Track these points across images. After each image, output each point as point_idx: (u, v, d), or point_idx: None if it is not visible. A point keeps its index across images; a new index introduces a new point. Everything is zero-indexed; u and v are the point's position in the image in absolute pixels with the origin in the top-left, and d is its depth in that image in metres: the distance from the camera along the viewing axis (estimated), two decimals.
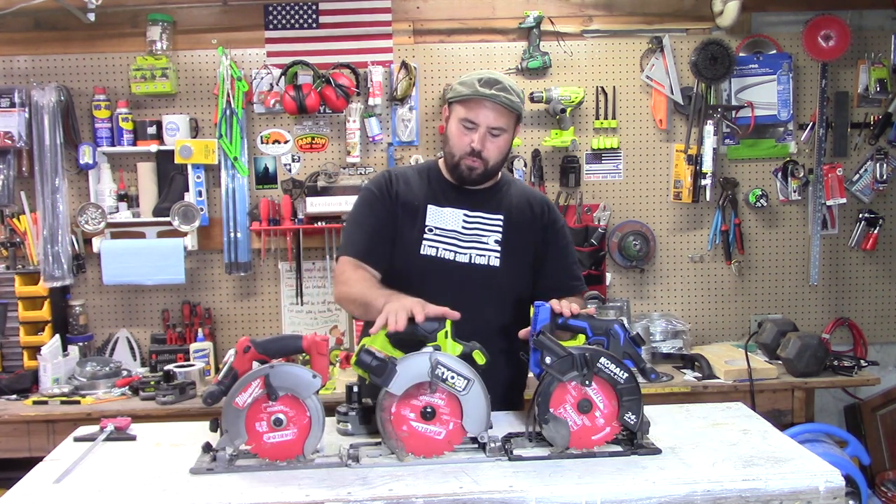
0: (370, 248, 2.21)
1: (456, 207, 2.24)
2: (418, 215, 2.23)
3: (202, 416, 2.23)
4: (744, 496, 1.56)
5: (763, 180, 3.76)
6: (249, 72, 3.62)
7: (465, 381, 1.68)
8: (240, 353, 1.76)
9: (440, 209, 2.24)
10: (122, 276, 3.52)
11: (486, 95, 2.12)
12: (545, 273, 2.29)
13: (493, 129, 2.16)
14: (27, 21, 3.55)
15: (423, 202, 2.24)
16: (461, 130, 2.18)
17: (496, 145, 2.18)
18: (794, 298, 3.81)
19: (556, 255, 2.31)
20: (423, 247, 2.20)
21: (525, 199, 2.32)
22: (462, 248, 2.21)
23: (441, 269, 2.19)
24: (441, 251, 2.20)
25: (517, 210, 2.28)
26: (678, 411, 2.05)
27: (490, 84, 2.14)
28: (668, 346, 3.49)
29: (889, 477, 3.39)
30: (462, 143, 2.18)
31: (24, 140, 3.45)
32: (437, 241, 2.21)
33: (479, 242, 2.22)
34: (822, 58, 3.66)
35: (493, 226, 2.24)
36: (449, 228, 2.23)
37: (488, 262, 2.21)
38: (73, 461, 1.76)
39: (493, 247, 2.22)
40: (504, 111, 2.15)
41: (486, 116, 2.14)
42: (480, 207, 2.26)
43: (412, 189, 2.26)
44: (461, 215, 2.24)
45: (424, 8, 3.67)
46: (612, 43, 3.70)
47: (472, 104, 2.15)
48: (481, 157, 2.17)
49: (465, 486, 1.56)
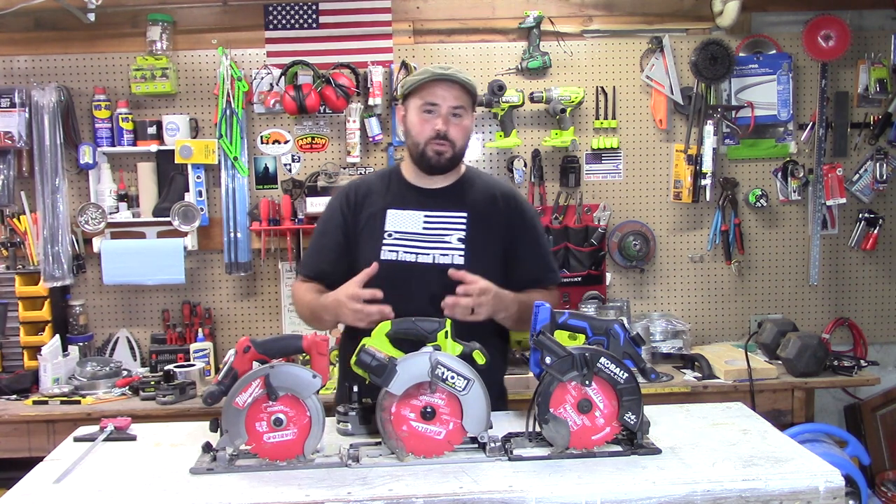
0: (325, 270, 2.28)
1: (416, 209, 2.24)
2: (378, 221, 2.23)
3: (202, 416, 2.24)
4: (744, 496, 1.56)
5: (763, 180, 3.76)
6: (249, 72, 3.62)
7: (465, 381, 1.68)
8: (240, 353, 1.76)
9: (400, 212, 2.24)
10: (122, 276, 3.52)
11: (443, 76, 2.16)
12: (517, 266, 2.27)
13: (455, 109, 2.18)
14: (27, 21, 3.55)
15: (382, 207, 2.25)
16: (422, 117, 2.19)
17: (460, 127, 2.20)
18: (794, 298, 3.81)
19: (526, 248, 2.29)
20: (383, 252, 2.20)
21: (491, 193, 2.30)
22: (424, 249, 2.20)
23: (403, 271, 2.17)
24: (402, 254, 2.20)
25: (482, 205, 2.27)
26: (678, 411, 2.05)
27: (444, 68, 2.19)
28: (668, 346, 3.48)
29: (889, 477, 3.39)
30: (425, 129, 2.18)
31: (24, 140, 3.45)
32: (396, 244, 2.20)
33: (441, 242, 2.21)
34: (822, 58, 3.66)
35: (455, 224, 2.23)
36: (409, 231, 2.22)
37: (452, 260, 2.19)
38: (73, 461, 1.76)
39: (456, 245, 2.21)
40: (462, 90, 2.18)
41: (444, 96, 2.17)
42: (442, 207, 2.25)
43: (373, 197, 2.28)
44: (421, 216, 2.23)
45: (424, 8, 3.67)
46: (612, 43, 3.70)
47: (429, 87, 2.17)
48: (448, 139, 2.18)
49: (465, 486, 1.56)
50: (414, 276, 2.17)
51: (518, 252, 2.28)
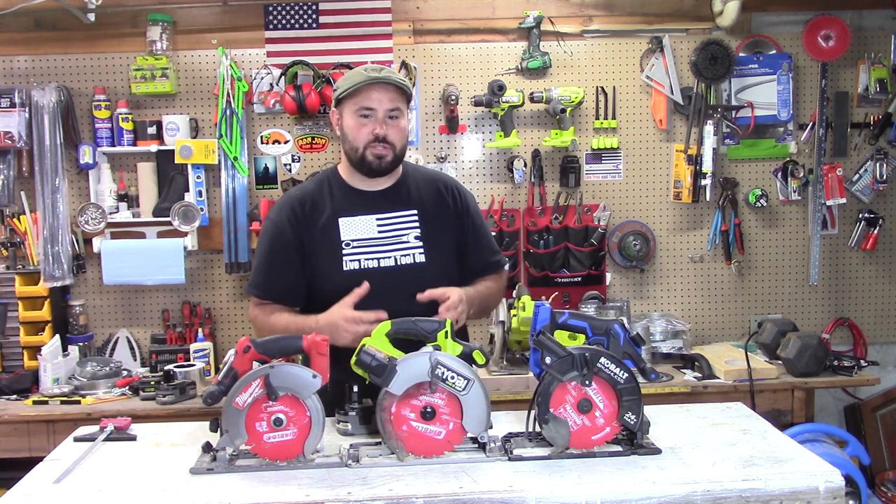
0: (280, 288, 2.23)
1: (366, 213, 2.22)
2: (331, 232, 2.20)
3: (202, 416, 2.23)
4: (744, 496, 1.56)
5: (763, 180, 3.76)
6: (249, 72, 3.62)
7: (465, 381, 1.68)
8: (240, 353, 1.76)
9: (351, 219, 2.22)
10: (122, 276, 3.52)
11: (377, 79, 2.14)
12: (468, 257, 2.32)
13: (391, 112, 2.16)
14: (27, 21, 3.55)
15: (332, 216, 2.22)
16: (358, 122, 2.17)
17: (397, 128, 2.19)
18: (794, 298, 3.81)
19: (473, 236, 2.33)
20: (345, 262, 2.18)
21: (434, 186, 2.31)
22: (384, 253, 2.20)
23: (368, 278, 2.15)
24: (364, 262, 2.19)
25: (429, 200, 2.28)
26: (678, 411, 2.05)
27: (377, 70, 2.17)
28: (668, 346, 3.48)
29: (889, 477, 3.39)
30: (362, 134, 2.17)
31: (24, 140, 3.45)
32: (356, 253, 2.19)
33: (399, 242, 2.21)
34: (822, 58, 3.66)
35: (408, 222, 2.24)
36: (365, 237, 2.21)
37: (414, 259, 2.20)
38: (73, 461, 1.76)
39: (414, 243, 2.21)
40: (397, 91, 2.16)
41: (380, 99, 2.15)
42: (391, 207, 2.24)
43: (319, 207, 2.24)
44: (373, 220, 2.22)
45: (424, 8, 3.67)
46: (612, 43, 3.70)
47: (364, 91, 2.15)
48: (387, 142, 2.16)
49: (465, 486, 1.56)
50: (381, 282, 2.15)
51: (468, 241, 2.31)
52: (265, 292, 2.25)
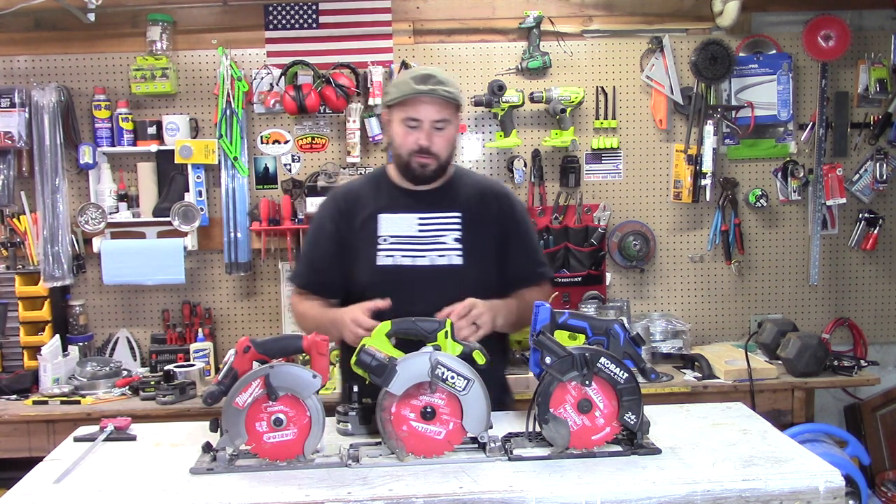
0: (319, 279, 2.28)
1: (409, 212, 2.23)
2: (371, 227, 2.22)
3: (202, 416, 2.23)
4: (744, 496, 1.56)
5: (763, 180, 3.76)
6: (249, 72, 3.61)
7: (465, 381, 1.68)
8: (240, 353, 1.76)
9: (392, 216, 2.22)
10: (122, 276, 3.52)
11: (422, 92, 2.12)
12: (509, 263, 2.26)
13: (437, 123, 2.16)
14: (27, 21, 3.55)
15: (373, 213, 2.23)
16: (405, 130, 2.17)
17: (443, 138, 2.18)
18: (794, 298, 3.81)
19: (518, 244, 2.28)
20: (379, 257, 2.19)
21: (480, 191, 2.30)
22: (421, 252, 2.19)
23: (401, 276, 2.17)
24: (398, 258, 2.19)
25: (474, 204, 2.26)
26: (678, 411, 2.05)
27: (425, 80, 2.14)
28: (668, 346, 3.48)
29: (889, 477, 3.39)
30: (408, 143, 2.17)
31: (24, 140, 3.45)
32: (392, 249, 2.20)
33: (438, 243, 2.20)
34: (822, 58, 3.66)
35: (450, 224, 2.22)
36: (403, 234, 2.21)
37: (450, 261, 2.19)
38: (73, 461, 1.76)
39: (453, 245, 2.20)
40: (444, 103, 2.15)
41: (427, 112, 2.14)
42: (435, 207, 2.24)
43: (362, 202, 2.26)
44: (415, 219, 2.22)
45: (424, 8, 3.67)
46: (612, 43, 3.70)
47: (411, 103, 2.15)
48: (431, 153, 2.17)
49: (465, 486, 1.56)
50: (413, 280, 2.16)
51: (509, 249, 2.27)
52: (304, 282, 2.31)
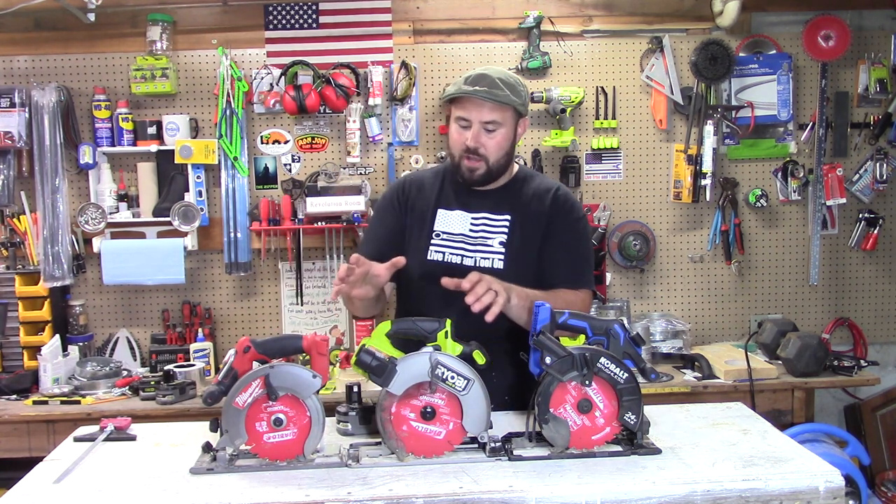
0: (376, 254, 2.18)
1: (465, 210, 2.22)
2: (427, 220, 2.22)
3: (202, 416, 2.24)
4: (744, 496, 1.56)
5: (763, 180, 3.76)
6: (249, 72, 3.61)
7: (465, 381, 1.68)
8: (240, 353, 1.76)
9: (449, 212, 2.22)
10: (122, 276, 3.52)
11: (468, 93, 2.11)
12: (546, 265, 2.18)
13: (487, 125, 2.13)
14: (27, 21, 3.55)
15: (433, 206, 2.23)
16: (458, 130, 2.17)
17: (494, 141, 2.14)
18: (794, 298, 3.81)
19: (560, 246, 2.19)
20: (430, 252, 2.20)
21: (540, 193, 2.23)
22: (469, 252, 2.19)
23: (447, 273, 2.11)
24: (448, 256, 2.19)
25: (528, 207, 2.21)
26: (678, 411, 2.05)
27: (476, 81, 2.12)
28: (668, 346, 3.48)
29: (889, 477, 3.39)
30: (458, 142, 2.17)
31: (24, 140, 3.45)
32: (443, 245, 2.20)
33: (484, 245, 2.19)
34: (822, 58, 3.65)
35: (498, 227, 2.21)
36: (457, 232, 2.21)
37: (492, 264, 2.17)
38: (73, 461, 1.76)
39: (497, 249, 2.18)
40: (496, 105, 2.12)
41: (475, 112, 2.12)
42: (487, 209, 2.22)
43: (424, 194, 2.26)
44: (469, 218, 2.21)
45: (424, 8, 3.67)
46: (612, 43, 3.70)
47: (461, 102, 2.14)
48: (479, 154, 2.14)
49: (465, 486, 1.56)
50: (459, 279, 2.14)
51: (550, 251, 2.20)
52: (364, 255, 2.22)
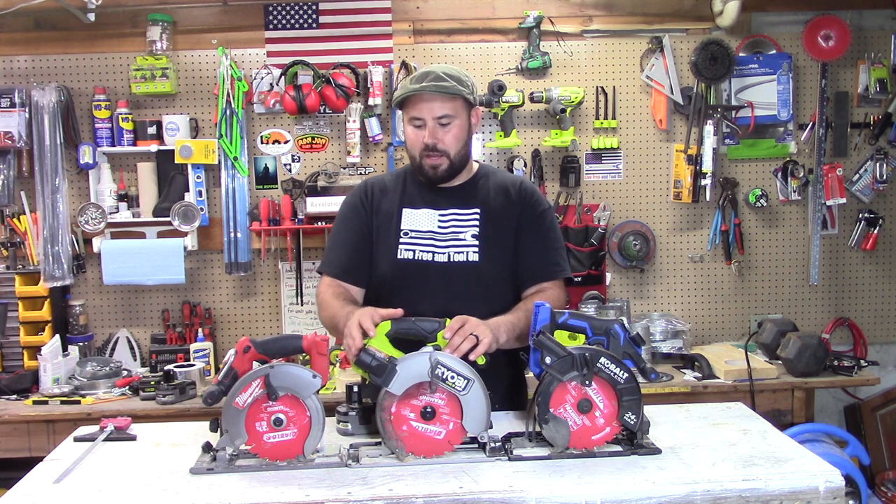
0: (347, 267, 2.23)
1: (431, 207, 2.21)
2: (394, 220, 2.21)
3: (202, 416, 2.24)
4: (744, 496, 1.56)
5: (763, 180, 3.76)
6: (249, 72, 3.61)
7: (465, 381, 1.68)
8: (240, 353, 1.76)
9: (415, 211, 2.21)
10: (122, 276, 3.52)
11: (416, 90, 2.11)
12: (522, 258, 2.21)
13: (440, 119, 2.13)
14: (27, 21, 3.55)
15: (397, 207, 2.23)
16: (413, 130, 2.17)
17: (451, 134, 2.14)
18: (794, 298, 3.81)
19: (533, 239, 2.22)
20: (400, 251, 2.18)
21: (504, 187, 2.25)
22: (440, 248, 2.18)
23: (420, 271, 2.15)
24: (418, 253, 2.18)
25: (495, 201, 2.23)
26: (678, 411, 2.05)
27: (421, 79, 2.12)
28: (668, 346, 3.48)
29: (889, 477, 3.39)
30: (416, 142, 2.16)
31: (24, 140, 3.45)
32: (413, 243, 2.19)
33: (456, 239, 2.18)
34: (822, 58, 3.66)
35: (468, 220, 2.20)
36: (425, 229, 2.20)
37: (467, 257, 2.17)
38: (73, 461, 1.76)
39: (470, 242, 2.18)
40: (446, 98, 2.11)
41: (427, 110, 2.12)
42: (455, 204, 2.22)
43: (388, 196, 2.25)
44: (436, 215, 2.21)
45: (424, 8, 3.67)
46: (612, 43, 3.70)
47: (411, 102, 2.14)
48: (439, 150, 2.14)
49: (465, 486, 1.56)
50: (431, 276, 2.15)
51: (524, 244, 2.21)
52: (329, 268, 2.26)
